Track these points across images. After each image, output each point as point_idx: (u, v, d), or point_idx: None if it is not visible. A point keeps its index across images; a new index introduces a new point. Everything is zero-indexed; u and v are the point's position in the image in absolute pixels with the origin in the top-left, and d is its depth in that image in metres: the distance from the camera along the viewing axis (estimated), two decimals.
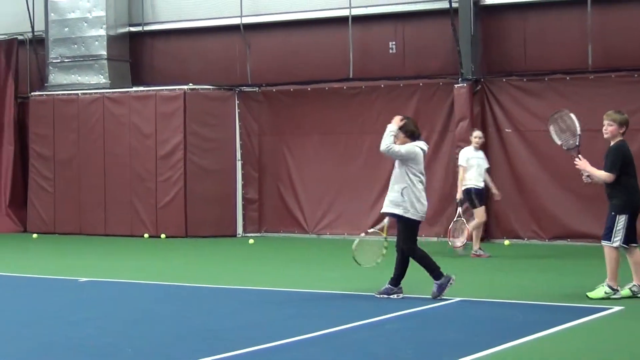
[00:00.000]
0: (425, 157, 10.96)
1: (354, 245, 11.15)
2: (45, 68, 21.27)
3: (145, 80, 20.82)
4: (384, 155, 11.02)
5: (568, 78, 17.07)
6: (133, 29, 21.05)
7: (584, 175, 10.79)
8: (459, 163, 15.37)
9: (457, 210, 15.34)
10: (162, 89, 19.70)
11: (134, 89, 20.11)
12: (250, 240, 18.37)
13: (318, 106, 18.99)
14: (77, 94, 20.40)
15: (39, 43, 21.61)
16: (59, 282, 13.13)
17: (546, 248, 16.58)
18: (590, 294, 10.66)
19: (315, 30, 19.50)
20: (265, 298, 11.47)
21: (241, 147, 19.54)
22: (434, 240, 17.03)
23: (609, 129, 10.68)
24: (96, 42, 20.50)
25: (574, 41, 17.29)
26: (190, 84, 19.55)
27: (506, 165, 17.34)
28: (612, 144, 10.68)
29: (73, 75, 20.75)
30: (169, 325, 9.60)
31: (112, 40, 20.56)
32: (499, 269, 13.89)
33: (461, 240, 15.03)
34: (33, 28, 21.49)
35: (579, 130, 10.76)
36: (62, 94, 20.56)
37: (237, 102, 19.56)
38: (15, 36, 21.76)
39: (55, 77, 20.97)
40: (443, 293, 10.69)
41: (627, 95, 16.24)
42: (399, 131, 10.81)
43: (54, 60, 20.95)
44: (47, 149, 20.68)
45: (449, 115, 17.83)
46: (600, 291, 10.62)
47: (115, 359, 8.09)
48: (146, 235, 19.45)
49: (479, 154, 15.33)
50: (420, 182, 10.79)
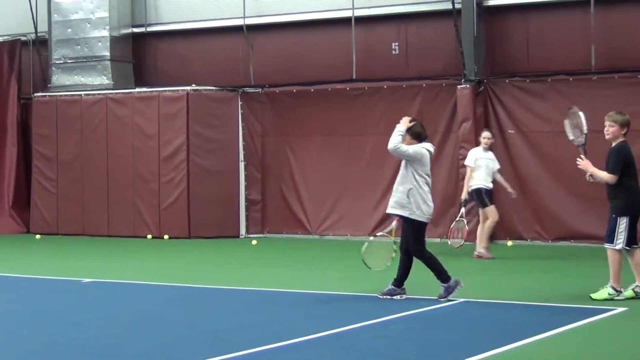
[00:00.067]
0: (431, 159, 11.00)
1: (364, 248, 11.14)
2: (48, 69, 21.27)
3: (148, 81, 20.81)
4: (389, 154, 11.04)
5: (571, 79, 17.04)
6: (136, 29, 21.04)
7: (586, 175, 10.79)
8: (466, 163, 15.34)
9: (460, 211, 15.35)
10: (165, 90, 19.69)
11: (137, 90, 20.09)
12: (253, 241, 18.34)
13: (321, 107, 18.98)
14: (80, 95, 20.39)
15: (42, 44, 21.60)
16: (62, 283, 13.14)
17: (549, 249, 16.56)
18: (594, 295, 10.65)
19: (318, 31, 19.50)
20: (268, 299, 11.47)
21: (244, 148, 19.53)
22: (437, 241, 17.00)
23: (610, 130, 10.65)
24: (99, 43, 20.50)
25: (577, 42, 17.28)
26: (193, 85, 19.54)
27: (509, 166, 17.28)
28: (614, 145, 10.66)
29: (76, 76, 20.75)
30: (172, 326, 9.61)
31: (115, 41, 20.56)
32: (502, 270, 13.87)
33: (459, 241, 15.06)
34: (36, 29, 21.49)
35: (586, 130, 10.76)
36: (65, 95, 20.55)
37: (240, 103, 19.54)
38: (18, 37, 21.76)
39: (58, 78, 20.97)
40: (450, 296, 10.69)
41: (630, 97, 16.20)
42: (406, 132, 10.84)
43: (57, 61, 20.95)
44: (50, 149, 20.68)
45: (452, 116, 17.80)
46: (603, 292, 10.61)
47: (118, 359, 8.10)
48: (149, 236, 19.45)
49: (488, 155, 15.29)
50: (426, 184, 10.81)
